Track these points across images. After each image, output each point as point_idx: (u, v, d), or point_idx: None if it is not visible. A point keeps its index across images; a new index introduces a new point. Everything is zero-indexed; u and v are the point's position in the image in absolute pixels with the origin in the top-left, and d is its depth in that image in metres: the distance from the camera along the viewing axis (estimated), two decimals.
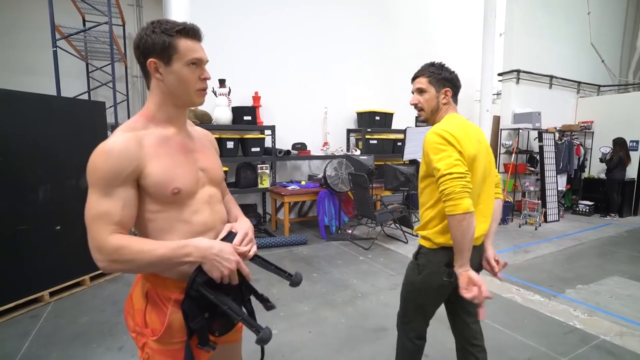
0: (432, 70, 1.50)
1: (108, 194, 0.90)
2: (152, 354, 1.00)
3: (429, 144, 1.41)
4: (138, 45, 0.96)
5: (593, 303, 3.11)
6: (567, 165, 6.81)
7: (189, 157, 1.04)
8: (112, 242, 0.88)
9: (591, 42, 7.77)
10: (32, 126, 2.88)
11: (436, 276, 1.48)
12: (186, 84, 0.98)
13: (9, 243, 2.75)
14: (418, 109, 1.56)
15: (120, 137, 0.93)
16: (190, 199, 1.01)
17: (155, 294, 1.00)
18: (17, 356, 2.29)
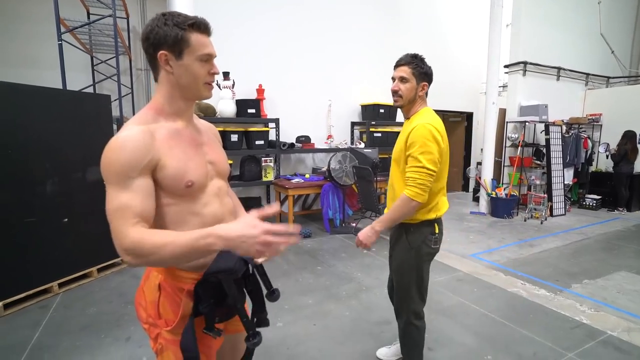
0: (416, 63, 1.64)
1: (126, 186, 0.88)
2: (166, 344, 1.01)
3: (419, 136, 1.61)
4: (148, 36, 0.95)
5: (600, 298, 3.09)
6: (574, 158, 6.73)
7: (198, 150, 1.05)
8: (134, 235, 0.85)
9: (601, 32, 7.62)
10: (38, 119, 2.89)
11: (424, 246, 1.74)
12: (196, 78, 0.98)
13: (19, 235, 2.79)
14: (396, 96, 1.70)
15: (133, 130, 0.92)
16: (201, 192, 1.03)
17: (168, 286, 1.01)
18: (29, 345, 2.33)
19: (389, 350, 2.26)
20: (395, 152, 1.75)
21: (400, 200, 1.63)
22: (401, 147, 1.70)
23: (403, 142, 1.68)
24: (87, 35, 6.57)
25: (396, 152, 1.74)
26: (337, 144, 5.92)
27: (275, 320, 2.63)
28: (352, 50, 6.27)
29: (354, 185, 5.14)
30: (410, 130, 1.63)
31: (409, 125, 1.69)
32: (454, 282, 3.38)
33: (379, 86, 6.51)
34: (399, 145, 1.73)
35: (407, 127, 1.71)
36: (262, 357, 2.19)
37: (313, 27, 5.86)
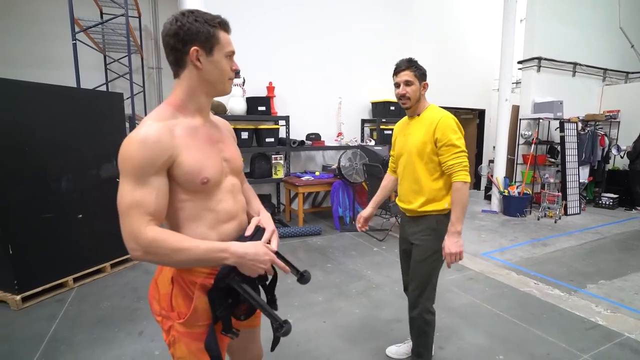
0: (415, 66, 1.78)
1: (142, 183, 0.90)
2: (178, 336, 1.03)
3: (449, 125, 1.72)
4: (177, 32, 0.95)
5: (616, 299, 3.02)
6: (590, 156, 6.58)
7: (214, 147, 1.06)
8: (149, 234, 0.88)
9: (620, 26, 7.41)
10: (54, 117, 2.95)
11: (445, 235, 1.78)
12: (223, 73, 1.02)
13: (35, 230, 2.86)
14: (405, 99, 1.80)
15: (153, 127, 0.93)
16: (216, 189, 1.04)
17: (181, 279, 1.03)
18: (46, 337, 2.40)
19: (399, 348, 2.25)
20: (415, 146, 1.78)
21: (459, 190, 1.69)
22: (424, 140, 1.75)
23: (427, 135, 1.74)
24: (100, 35, 6.68)
25: (417, 146, 1.77)
26: (347, 141, 5.90)
27: (285, 317, 2.63)
28: (363, 48, 6.23)
29: (364, 183, 5.12)
30: (435, 123, 1.72)
31: (426, 120, 1.78)
32: (465, 281, 3.34)
33: (389, 83, 6.41)
34: (418, 138, 1.77)
35: (423, 122, 1.79)
36: (272, 353, 2.21)
37: (324, 24, 5.84)
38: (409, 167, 1.84)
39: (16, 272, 2.73)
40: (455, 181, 1.70)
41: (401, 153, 1.90)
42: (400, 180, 1.93)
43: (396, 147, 1.98)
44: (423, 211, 1.82)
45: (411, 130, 1.85)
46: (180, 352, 1.04)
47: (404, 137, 1.88)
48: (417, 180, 1.81)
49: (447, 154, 1.71)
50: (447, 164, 1.72)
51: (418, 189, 1.82)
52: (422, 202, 1.81)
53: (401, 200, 1.94)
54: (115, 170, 3.46)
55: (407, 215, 1.94)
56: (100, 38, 6.84)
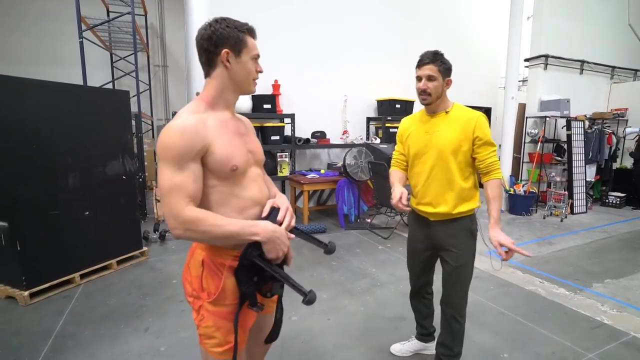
0: (440, 60, 1.66)
1: (181, 168, 1.01)
2: (207, 315, 1.13)
3: (486, 124, 1.70)
4: (211, 36, 1.08)
5: (623, 298, 3.00)
6: (597, 154, 6.52)
7: (241, 139, 1.18)
8: (189, 213, 1.00)
9: (629, 23, 7.30)
10: (61, 115, 2.98)
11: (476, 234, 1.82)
12: (249, 74, 1.14)
13: (43, 227, 2.89)
14: (425, 94, 1.69)
15: (190, 118, 1.05)
16: (242, 177, 1.15)
17: (211, 262, 1.13)
18: (53, 332, 2.43)
19: (403, 346, 2.25)
20: (450, 144, 1.69)
21: (498, 187, 1.71)
22: (460, 138, 1.68)
23: (463, 133, 1.68)
24: (107, 33, 6.71)
25: (452, 144, 1.69)
26: (352, 139, 5.89)
27: (290, 314, 2.65)
28: (369, 46, 6.21)
29: (369, 181, 5.12)
30: (474, 121, 1.68)
31: (459, 118, 1.71)
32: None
33: (395, 81, 6.43)
34: (452, 136, 1.69)
35: (456, 120, 1.71)
36: (277, 350, 2.22)
37: (330, 23, 5.82)
38: (440, 166, 1.72)
39: (24, 268, 2.77)
40: (494, 178, 1.70)
41: (423, 151, 1.76)
42: (425, 181, 1.78)
43: (409, 144, 1.83)
44: (458, 213, 1.75)
45: (438, 127, 1.73)
46: (206, 329, 1.14)
47: (426, 134, 1.75)
48: (451, 181, 1.72)
49: (486, 152, 1.69)
50: (487, 162, 1.70)
51: (451, 189, 1.73)
52: (456, 202, 1.74)
53: (427, 204, 1.79)
54: (122, 168, 3.48)
55: (432, 219, 1.81)
56: (106, 36, 6.88)
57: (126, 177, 3.53)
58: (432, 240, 1.85)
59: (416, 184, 1.83)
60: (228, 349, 1.14)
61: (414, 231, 1.97)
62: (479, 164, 1.72)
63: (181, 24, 6.76)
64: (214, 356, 1.17)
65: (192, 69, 5.16)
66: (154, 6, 9.06)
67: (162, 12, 9.31)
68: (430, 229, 1.84)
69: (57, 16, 7.17)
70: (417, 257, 1.97)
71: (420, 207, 1.83)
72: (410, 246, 2.01)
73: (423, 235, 1.89)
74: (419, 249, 1.94)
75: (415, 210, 1.88)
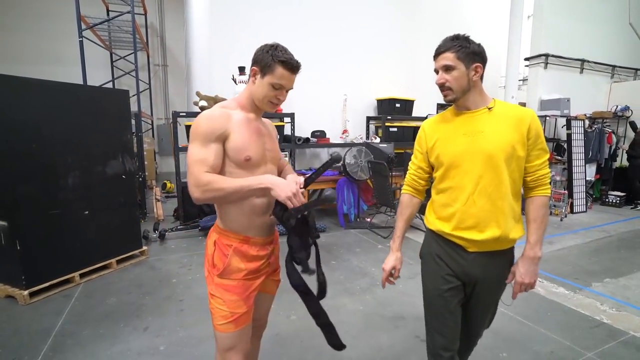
0: (459, 44, 1.29)
1: (205, 145, 1.22)
2: (216, 287, 1.33)
3: (539, 124, 1.34)
4: (255, 53, 1.31)
5: (622, 297, 3.00)
6: (597, 154, 6.52)
7: (260, 138, 1.36)
8: (206, 177, 1.19)
9: (630, 22, 7.30)
10: (61, 114, 2.98)
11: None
12: (265, 95, 1.30)
13: (43, 227, 2.89)
14: (445, 89, 1.33)
15: (218, 110, 1.29)
16: (256, 168, 1.32)
17: (220, 243, 1.33)
18: (53, 331, 2.43)
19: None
20: (503, 148, 1.28)
21: (546, 206, 1.36)
22: (514, 141, 1.28)
23: (517, 134, 1.28)
24: (107, 32, 6.71)
25: (505, 149, 1.28)
26: (352, 138, 5.90)
27: (289, 313, 2.65)
28: (368, 45, 6.20)
29: (369, 180, 5.12)
30: (528, 120, 1.29)
31: (508, 115, 1.32)
32: None
33: (395, 81, 6.43)
34: (504, 138, 1.28)
35: (504, 117, 1.31)
36: (276, 350, 2.23)
37: (330, 22, 5.82)
38: (490, 177, 1.30)
39: (24, 267, 2.77)
40: (542, 195, 1.35)
41: (462, 159, 1.33)
42: (468, 198, 1.33)
43: (439, 152, 1.39)
44: (513, 238, 1.35)
45: (481, 127, 1.32)
46: (215, 301, 1.33)
47: (465, 136, 1.33)
48: (504, 197, 1.31)
49: (539, 160, 1.33)
50: (538, 174, 1.34)
51: (504, 209, 1.31)
52: (510, 226, 1.33)
53: (470, 227, 1.34)
54: (121, 167, 3.49)
55: (472, 249, 1.36)
56: (106, 35, 6.87)
57: (126, 177, 3.54)
58: (467, 277, 1.39)
59: (451, 202, 1.37)
60: (232, 320, 1.30)
61: (437, 266, 1.43)
62: (528, 176, 1.35)
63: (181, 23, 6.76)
64: (218, 331, 1.33)
65: (192, 68, 5.16)
66: (154, 5, 9.05)
67: (162, 11, 9.31)
68: (466, 262, 1.37)
69: (57, 15, 7.17)
70: (447, 303, 1.41)
71: (458, 233, 1.36)
72: (434, 288, 1.44)
73: (456, 270, 1.39)
74: (447, 292, 1.40)
75: (447, 238, 1.40)
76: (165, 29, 9.59)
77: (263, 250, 1.38)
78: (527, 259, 1.35)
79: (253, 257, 1.34)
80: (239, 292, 1.31)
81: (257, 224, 1.34)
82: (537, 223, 1.34)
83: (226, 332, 1.31)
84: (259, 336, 1.69)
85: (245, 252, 1.33)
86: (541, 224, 1.34)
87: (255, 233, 1.35)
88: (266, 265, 1.41)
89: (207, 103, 4.38)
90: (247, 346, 1.38)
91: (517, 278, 1.36)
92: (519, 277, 1.36)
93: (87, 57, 5.04)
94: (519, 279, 1.36)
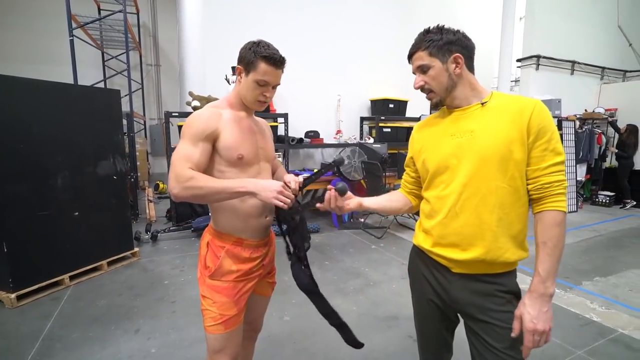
0: (430, 38, 1.11)
1: (193, 144, 1.21)
2: (206, 288, 1.32)
3: (548, 116, 1.05)
4: (240, 52, 1.29)
5: (611, 296, 3.04)
6: (587, 154, 6.60)
7: (253, 136, 1.35)
8: (188, 173, 1.16)
9: (618, 25, 7.42)
10: (51, 114, 2.94)
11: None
12: (251, 94, 1.29)
13: (31, 228, 2.85)
14: (426, 92, 1.16)
15: (208, 109, 1.28)
16: (249, 167, 1.31)
17: (213, 244, 1.33)
18: (41, 335, 2.39)
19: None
20: (495, 149, 1.05)
21: (559, 225, 1.03)
22: (509, 140, 1.04)
23: (513, 131, 1.04)
24: (98, 31, 6.64)
25: (498, 150, 1.05)
26: (346, 139, 5.90)
27: (282, 314, 2.64)
28: (362, 45, 6.22)
29: (362, 181, 5.13)
30: (529, 111, 1.04)
31: (505, 109, 1.08)
32: None
33: (388, 81, 6.45)
34: (498, 137, 1.05)
35: (500, 112, 1.08)
36: (269, 351, 2.21)
37: (323, 21, 5.83)
38: (478, 184, 1.07)
39: (11, 270, 2.72)
40: (552, 209, 1.03)
41: (447, 164, 1.13)
42: (450, 209, 1.12)
43: (425, 157, 1.21)
44: (507, 261, 1.09)
45: (471, 125, 1.10)
46: (205, 301, 1.32)
47: (453, 137, 1.13)
48: (493, 209, 1.07)
49: (543, 163, 1.04)
50: (542, 181, 1.04)
51: (496, 224, 1.07)
52: (504, 246, 1.08)
53: (451, 245, 1.13)
54: (112, 167, 3.45)
55: (456, 270, 1.14)
56: (98, 35, 6.80)
57: (117, 177, 3.50)
58: (454, 303, 1.18)
59: (434, 214, 1.17)
60: (221, 322, 1.29)
61: (422, 287, 1.27)
62: (530, 183, 1.07)
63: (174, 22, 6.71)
64: (208, 332, 1.31)
65: (185, 68, 5.13)
66: (146, 5, 8.98)
67: (154, 10, 9.23)
68: (450, 286, 1.17)
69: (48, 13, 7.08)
70: (433, 326, 1.30)
71: (438, 251, 1.16)
72: (420, 310, 1.32)
73: (442, 294, 1.20)
74: (427, 310, 1.27)
75: (429, 255, 1.22)
76: (157, 29, 9.51)
77: (257, 252, 1.37)
78: (536, 297, 1.04)
79: (246, 259, 1.33)
80: (229, 294, 1.30)
81: (253, 226, 1.33)
82: (547, 248, 1.03)
83: (215, 333, 1.30)
84: (254, 339, 1.67)
85: (238, 254, 1.31)
86: (554, 250, 1.03)
87: (250, 235, 1.33)
88: (260, 267, 1.40)
89: (200, 103, 4.35)
90: (236, 349, 1.37)
91: (526, 324, 1.02)
92: (529, 323, 1.02)
93: (78, 57, 4.98)
94: (530, 326, 1.01)
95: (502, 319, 1.10)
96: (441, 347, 1.33)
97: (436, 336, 1.31)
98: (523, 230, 1.12)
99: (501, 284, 1.12)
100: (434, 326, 1.29)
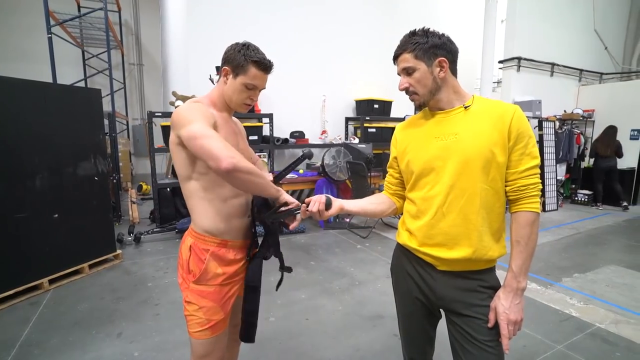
0: (415, 41, 1.13)
1: (211, 125, 1.14)
2: (191, 293, 1.27)
3: (526, 123, 1.11)
4: (226, 52, 1.28)
5: (589, 291, 3.13)
6: (567, 154, 6.79)
7: (235, 137, 1.35)
8: (248, 164, 1.09)
9: (595, 29, 7.66)
10: (28, 114, 2.85)
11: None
12: (237, 96, 1.28)
13: (8, 231, 2.76)
14: (410, 94, 1.19)
15: (200, 105, 1.23)
16: None
17: (197, 248, 1.28)
18: (18, 341, 2.31)
19: None
20: (479, 152, 1.09)
21: (533, 225, 1.13)
22: (491, 143, 1.09)
23: (494, 135, 1.09)
24: (78, 29, 6.47)
25: (481, 153, 1.09)
26: (331, 139, 5.92)
27: (267, 314, 2.63)
28: (347, 45, 6.25)
29: (347, 181, 5.15)
30: (510, 117, 1.10)
31: (486, 113, 1.13)
32: None
33: (373, 82, 6.50)
34: (480, 140, 1.10)
35: (481, 116, 1.13)
36: (255, 352, 2.20)
37: (308, 21, 5.83)
38: (463, 186, 1.12)
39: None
40: (526, 210, 1.12)
41: (432, 166, 1.16)
42: (437, 210, 1.16)
43: (409, 158, 1.24)
44: (490, 259, 1.16)
45: (455, 128, 1.15)
46: (190, 307, 1.29)
47: (437, 140, 1.17)
48: (479, 210, 1.13)
49: (520, 167, 1.11)
50: (519, 184, 1.11)
51: (480, 224, 1.13)
52: (487, 245, 1.15)
53: (438, 245, 1.17)
54: (93, 168, 3.37)
55: (442, 268, 1.19)
56: (77, 32, 6.63)
57: (99, 178, 3.42)
58: (439, 300, 1.22)
59: (420, 214, 1.21)
60: (208, 327, 1.27)
61: (407, 285, 1.30)
62: (508, 185, 1.14)
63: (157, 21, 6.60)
64: (194, 337, 1.29)
65: (169, 68, 5.06)
66: (128, 3, 8.81)
67: (136, 9, 9.06)
68: (436, 283, 1.21)
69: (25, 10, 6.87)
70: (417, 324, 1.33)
71: (425, 250, 1.20)
72: (404, 308, 1.35)
73: (427, 291, 1.24)
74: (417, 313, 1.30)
75: (415, 253, 1.25)
76: (140, 27, 9.34)
77: (241, 252, 1.36)
78: (509, 291, 1.12)
79: (231, 261, 1.31)
80: (215, 299, 1.28)
81: (236, 226, 1.32)
82: (520, 246, 1.13)
83: (202, 339, 1.28)
84: (239, 341, 1.66)
85: (223, 255, 1.29)
86: (526, 247, 1.13)
87: (234, 236, 1.32)
88: (244, 270, 1.38)
89: (183, 103, 4.30)
90: (222, 353, 1.35)
91: (500, 315, 1.10)
92: (503, 314, 1.09)
93: (57, 55, 4.84)
94: (504, 316, 1.09)
95: (484, 313, 1.16)
96: (426, 344, 1.36)
97: (421, 333, 1.34)
98: (502, 229, 1.20)
99: (483, 280, 1.19)
100: (419, 323, 1.32)
